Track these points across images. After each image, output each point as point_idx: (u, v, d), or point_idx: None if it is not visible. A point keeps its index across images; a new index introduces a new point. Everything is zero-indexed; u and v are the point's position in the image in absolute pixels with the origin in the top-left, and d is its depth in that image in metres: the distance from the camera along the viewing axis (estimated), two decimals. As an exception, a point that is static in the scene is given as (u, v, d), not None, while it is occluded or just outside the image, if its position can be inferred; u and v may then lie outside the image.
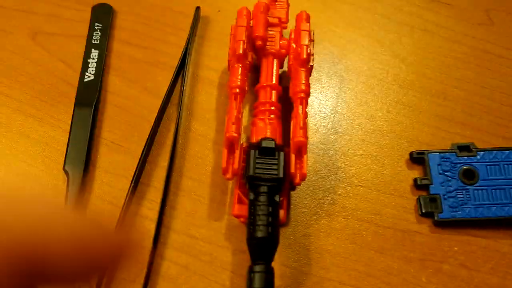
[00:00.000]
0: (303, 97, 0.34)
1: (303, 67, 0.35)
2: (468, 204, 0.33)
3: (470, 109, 0.38)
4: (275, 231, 0.29)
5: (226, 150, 0.32)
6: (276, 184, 0.30)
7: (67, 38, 0.40)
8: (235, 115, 0.33)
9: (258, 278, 0.28)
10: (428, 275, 0.32)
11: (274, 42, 0.36)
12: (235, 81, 0.34)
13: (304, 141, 0.32)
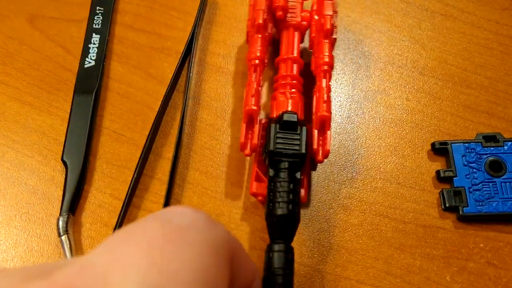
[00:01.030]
0: (326, 70, 0.32)
1: (326, 39, 0.33)
2: (495, 197, 0.31)
3: (495, 97, 0.36)
4: (296, 209, 0.27)
5: (245, 125, 0.30)
6: (298, 160, 0.28)
7: (66, 22, 0.38)
8: (254, 88, 0.31)
9: (278, 258, 0.26)
10: (452, 274, 0.30)
11: (295, 14, 0.34)
12: (255, 52, 0.32)
13: (327, 116, 0.30)
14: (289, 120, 0.29)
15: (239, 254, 0.21)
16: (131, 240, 0.17)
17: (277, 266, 0.26)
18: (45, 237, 0.31)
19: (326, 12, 0.33)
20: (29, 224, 0.31)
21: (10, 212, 0.31)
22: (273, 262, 0.26)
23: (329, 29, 0.33)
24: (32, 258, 0.30)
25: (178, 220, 0.18)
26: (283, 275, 0.26)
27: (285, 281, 0.26)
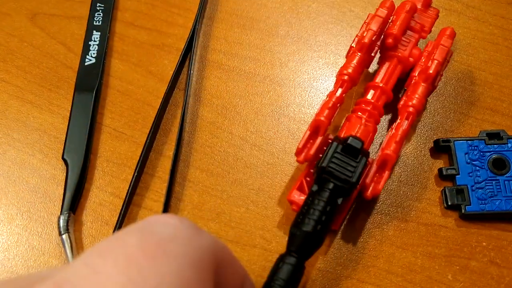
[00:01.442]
0: (411, 112, 0.31)
1: (425, 83, 0.31)
2: (498, 196, 0.31)
3: (499, 93, 0.35)
4: (323, 231, 0.27)
5: (309, 132, 0.30)
6: (345, 187, 0.27)
7: (67, 19, 0.38)
8: (333, 101, 0.30)
9: (286, 270, 0.26)
10: (454, 273, 0.30)
11: (406, 48, 0.33)
12: (348, 68, 0.31)
13: (392, 156, 0.29)
14: (353, 145, 0.28)
15: (226, 260, 0.20)
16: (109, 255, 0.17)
17: (282, 277, 0.25)
18: (46, 235, 0.31)
19: (437, 57, 0.31)
20: (30, 222, 0.31)
21: (12, 211, 0.31)
22: (279, 272, 0.26)
23: (431, 74, 0.31)
24: (33, 257, 0.30)
25: (160, 231, 0.18)
26: (284, 287, 0.25)
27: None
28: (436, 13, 0.34)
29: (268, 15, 0.38)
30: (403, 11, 0.32)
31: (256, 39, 0.37)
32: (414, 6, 0.33)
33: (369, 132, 0.30)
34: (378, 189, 0.29)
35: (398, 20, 0.32)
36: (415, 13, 0.33)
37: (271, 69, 0.36)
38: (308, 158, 0.29)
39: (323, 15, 0.38)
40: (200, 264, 0.18)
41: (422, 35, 0.33)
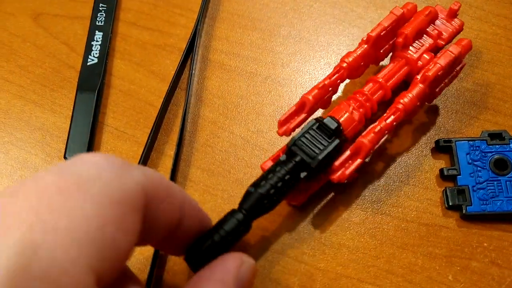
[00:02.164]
0: (399, 109, 0.30)
1: (423, 84, 0.31)
2: (499, 196, 0.31)
3: (502, 94, 0.35)
4: (275, 197, 0.27)
5: (295, 108, 0.30)
6: (310, 162, 0.28)
7: (70, 19, 0.38)
8: (325, 84, 0.30)
9: (230, 222, 0.26)
10: (455, 273, 0.29)
11: (417, 51, 0.32)
12: (349, 56, 0.31)
13: (366, 145, 0.29)
14: (328, 124, 0.29)
15: (161, 195, 0.20)
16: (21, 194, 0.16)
17: (225, 228, 0.26)
18: (48, 234, 0.31)
19: (439, 61, 0.31)
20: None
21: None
22: (225, 224, 0.26)
23: (429, 77, 0.30)
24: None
25: (80, 170, 0.17)
26: (223, 236, 0.25)
27: (220, 243, 0.25)
28: (460, 25, 0.34)
29: (270, 15, 0.38)
30: (422, 14, 0.32)
31: (258, 39, 0.37)
32: (435, 13, 0.33)
33: (353, 121, 0.30)
34: (345, 174, 0.29)
35: (413, 21, 0.32)
36: (435, 20, 0.33)
37: (272, 69, 0.36)
38: (287, 132, 0.30)
39: (325, 15, 0.38)
40: (122, 203, 0.17)
41: (439, 42, 0.33)
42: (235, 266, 0.23)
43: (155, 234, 0.21)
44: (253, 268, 0.25)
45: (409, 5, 0.33)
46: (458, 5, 0.33)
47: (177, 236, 0.23)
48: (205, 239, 0.25)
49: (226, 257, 0.24)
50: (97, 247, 0.16)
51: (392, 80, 0.32)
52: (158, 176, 0.21)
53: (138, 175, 0.19)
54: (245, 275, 0.23)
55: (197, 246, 0.25)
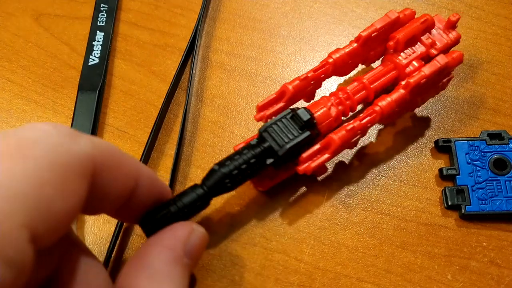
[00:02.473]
0: (375, 111, 0.30)
1: (404, 90, 0.30)
2: (499, 196, 0.31)
3: (501, 94, 0.35)
4: (237, 179, 0.28)
5: (274, 96, 0.31)
6: (276, 150, 0.28)
7: (71, 19, 0.38)
8: (308, 76, 0.31)
9: (189, 195, 0.27)
10: (454, 272, 0.30)
11: (407, 57, 0.32)
12: (336, 52, 0.31)
13: (335, 141, 0.29)
14: (300, 115, 0.29)
15: (111, 164, 0.21)
16: None
17: (183, 201, 0.26)
18: (49, 233, 0.31)
19: (424, 69, 0.30)
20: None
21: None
22: (184, 196, 0.27)
23: (410, 83, 0.30)
24: (36, 254, 0.30)
25: (26, 134, 0.18)
26: (180, 208, 0.26)
27: (175, 213, 0.26)
28: (456, 37, 0.33)
29: (270, 15, 0.39)
30: (417, 21, 0.32)
31: (258, 39, 0.38)
32: (431, 21, 0.32)
33: (329, 116, 0.30)
34: (310, 167, 0.29)
35: (407, 27, 0.32)
36: (431, 29, 0.32)
37: (272, 69, 0.36)
38: (263, 118, 0.30)
39: (325, 15, 0.39)
40: (64, 168, 0.18)
41: (431, 51, 0.32)
42: (185, 233, 0.24)
43: (108, 203, 0.22)
44: (203, 237, 0.25)
45: (407, 11, 0.33)
46: (457, 16, 0.33)
47: (133, 205, 0.24)
48: (162, 208, 0.26)
49: (177, 225, 0.25)
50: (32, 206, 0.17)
51: (377, 82, 0.32)
52: (109, 146, 0.21)
53: (86, 144, 0.19)
54: (195, 242, 0.24)
55: (153, 214, 0.26)
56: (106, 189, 0.21)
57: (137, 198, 0.23)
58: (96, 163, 0.20)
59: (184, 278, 0.23)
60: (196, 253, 0.24)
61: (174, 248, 0.23)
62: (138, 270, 0.22)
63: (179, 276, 0.22)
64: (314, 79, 0.31)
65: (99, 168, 0.20)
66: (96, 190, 0.20)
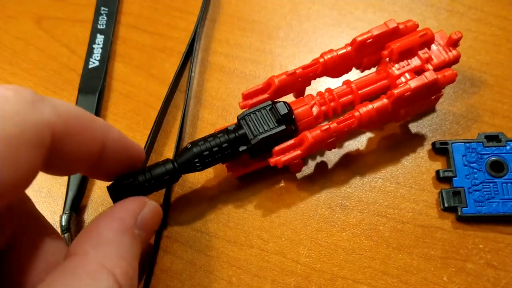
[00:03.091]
0: (354, 116, 0.30)
1: (387, 99, 0.30)
2: (495, 198, 0.31)
3: (500, 95, 0.35)
4: (207, 160, 0.29)
5: (261, 86, 0.31)
6: (249, 139, 0.29)
7: (72, 22, 0.39)
8: (296, 72, 0.31)
9: (160, 170, 0.28)
10: (450, 274, 0.30)
11: (400, 69, 0.31)
12: (328, 53, 0.31)
13: (308, 140, 0.29)
14: (278, 108, 0.29)
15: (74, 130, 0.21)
16: None
17: (152, 172, 0.28)
18: (49, 234, 0.31)
19: (410, 82, 0.30)
20: (34, 221, 0.32)
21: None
22: (154, 168, 0.28)
23: (394, 94, 0.29)
24: (37, 255, 0.31)
25: None
26: (147, 179, 0.27)
27: (142, 183, 0.27)
28: (455, 56, 0.32)
29: (269, 17, 0.39)
30: (416, 34, 0.31)
31: (257, 41, 0.38)
32: (430, 36, 0.31)
33: (310, 115, 0.30)
34: (281, 161, 0.29)
35: (404, 39, 0.31)
36: (430, 43, 0.32)
37: (271, 71, 0.37)
38: (246, 106, 0.31)
39: (324, 17, 0.39)
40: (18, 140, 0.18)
41: (426, 67, 0.32)
42: (136, 206, 0.25)
43: (75, 165, 0.23)
44: (156, 211, 0.26)
45: (409, 22, 0.32)
46: (458, 35, 0.32)
47: (104, 165, 0.25)
48: (130, 176, 0.27)
49: (130, 198, 0.25)
50: None
51: (365, 89, 0.32)
52: (75, 111, 0.22)
53: (47, 110, 0.20)
54: (147, 215, 0.25)
55: (120, 181, 0.27)
56: (71, 153, 0.21)
57: (107, 159, 0.24)
58: (57, 129, 0.20)
59: (133, 247, 0.23)
60: (148, 225, 0.25)
61: (124, 219, 0.24)
62: (86, 238, 0.22)
63: (127, 245, 0.23)
64: (302, 76, 0.31)
65: (62, 134, 0.20)
66: (60, 154, 0.21)
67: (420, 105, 0.32)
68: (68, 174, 0.24)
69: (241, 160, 0.32)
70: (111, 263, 0.21)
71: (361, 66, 0.33)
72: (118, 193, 0.27)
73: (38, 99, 0.20)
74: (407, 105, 0.31)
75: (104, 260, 0.21)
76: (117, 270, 0.21)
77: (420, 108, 0.32)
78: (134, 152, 0.26)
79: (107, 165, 0.25)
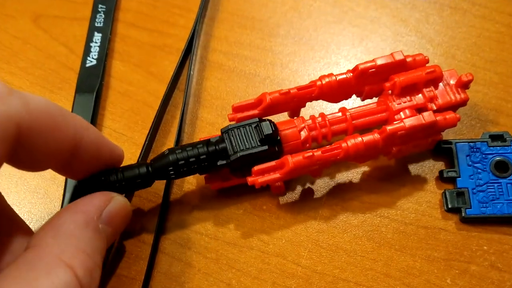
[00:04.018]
0: (340, 147, 0.28)
1: (380, 135, 0.29)
2: (500, 199, 0.30)
3: (504, 93, 0.35)
4: (182, 170, 0.28)
5: (252, 101, 0.30)
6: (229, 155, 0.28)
7: (70, 20, 0.38)
8: (290, 92, 0.29)
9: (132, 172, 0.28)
10: (453, 276, 0.29)
11: (401, 104, 0.30)
12: (327, 77, 0.30)
13: (289, 165, 0.28)
14: (264, 129, 0.28)
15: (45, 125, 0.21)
16: None
17: (125, 173, 0.27)
18: (46, 235, 0.31)
19: (405, 120, 0.28)
20: (31, 222, 0.31)
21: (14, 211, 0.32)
22: (128, 169, 0.28)
23: (386, 131, 0.28)
24: (34, 256, 0.31)
25: None
26: (118, 179, 0.27)
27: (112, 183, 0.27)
28: (463, 99, 0.31)
29: (270, 15, 0.38)
30: (422, 71, 0.30)
31: (257, 39, 0.37)
32: (438, 74, 0.30)
33: (297, 138, 0.29)
34: (258, 182, 0.28)
35: (409, 74, 0.30)
36: (438, 82, 0.30)
37: (271, 69, 0.36)
38: (234, 119, 0.30)
39: (325, 14, 0.38)
40: None
41: (429, 106, 0.30)
42: (101, 200, 0.24)
43: (45, 161, 0.23)
44: (123, 205, 0.26)
45: (419, 56, 0.31)
46: (469, 77, 0.30)
47: (78, 164, 0.24)
48: (103, 175, 0.27)
49: (96, 193, 0.25)
50: None
51: (361, 119, 0.30)
52: (47, 106, 0.21)
53: (16, 104, 0.20)
54: (113, 209, 0.25)
55: (92, 178, 0.27)
56: (40, 149, 0.21)
57: (81, 158, 0.24)
58: (25, 124, 0.20)
59: (96, 241, 0.23)
60: (114, 220, 0.25)
61: (87, 212, 0.23)
62: (48, 230, 0.22)
63: (90, 239, 0.22)
64: (296, 97, 0.30)
65: (31, 129, 0.20)
66: (28, 149, 0.21)
67: (415, 145, 0.30)
68: (38, 170, 0.23)
69: (221, 173, 0.31)
70: (70, 256, 0.21)
71: (362, 94, 0.32)
72: (86, 190, 0.26)
73: (9, 91, 0.20)
74: (401, 143, 0.30)
75: (62, 252, 0.21)
76: (76, 263, 0.21)
77: (415, 148, 0.31)
78: (113, 154, 0.26)
79: (81, 164, 0.25)
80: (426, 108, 0.30)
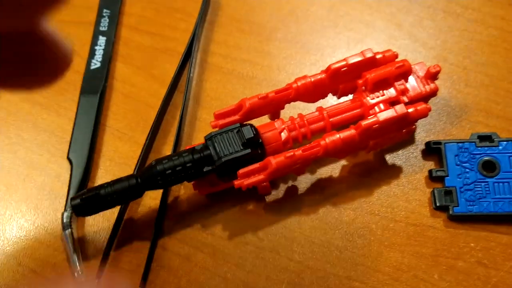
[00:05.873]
0: (320, 145, 0.30)
1: (355, 130, 0.30)
2: (487, 197, 0.31)
3: (495, 95, 0.35)
4: (170, 179, 0.29)
5: (233, 107, 0.31)
6: (214, 161, 0.29)
7: (75, 24, 0.40)
8: (267, 95, 0.31)
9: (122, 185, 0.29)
10: (441, 272, 0.30)
11: (374, 99, 0.31)
12: (302, 79, 0.31)
13: (272, 166, 0.29)
14: (244, 133, 0.29)
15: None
16: None
17: (114, 186, 0.29)
18: (52, 230, 0.33)
19: (379, 115, 0.29)
20: (37, 218, 0.33)
21: (21, 207, 0.33)
22: (117, 183, 0.29)
23: (361, 126, 0.29)
24: (40, 250, 0.32)
25: None
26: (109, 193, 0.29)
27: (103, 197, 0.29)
28: (433, 90, 0.32)
29: (268, 19, 0.39)
30: (393, 65, 0.31)
31: (255, 43, 0.38)
32: (407, 68, 0.31)
33: (278, 139, 0.30)
34: (244, 184, 0.29)
35: (380, 70, 0.31)
36: (407, 75, 0.32)
37: (268, 72, 0.37)
38: (216, 126, 0.31)
39: (321, 19, 0.39)
40: None
41: (401, 99, 0.31)
42: None
43: None
44: None
45: (388, 52, 0.32)
46: (437, 68, 0.32)
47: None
48: (93, 190, 0.28)
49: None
50: None
51: (337, 117, 0.32)
52: None
53: None
54: None
55: (82, 194, 0.28)
56: None
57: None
58: None
59: None
60: None
61: None
62: None
63: None
64: (274, 100, 0.31)
65: None
66: None
67: (391, 137, 0.31)
68: None
69: (208, 178, 0.32)
70: None
71: (337, 93, 0.33)
72: (80, 207, 0.28)
73: None
74: (377, 136, 0.31)
75: None
76: None
77: (392, 140, 0.32)
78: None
79: None
80: (399, 101, 0.31)
